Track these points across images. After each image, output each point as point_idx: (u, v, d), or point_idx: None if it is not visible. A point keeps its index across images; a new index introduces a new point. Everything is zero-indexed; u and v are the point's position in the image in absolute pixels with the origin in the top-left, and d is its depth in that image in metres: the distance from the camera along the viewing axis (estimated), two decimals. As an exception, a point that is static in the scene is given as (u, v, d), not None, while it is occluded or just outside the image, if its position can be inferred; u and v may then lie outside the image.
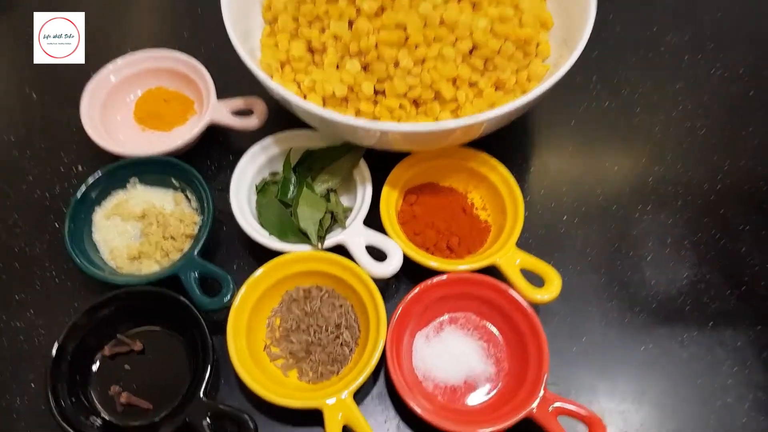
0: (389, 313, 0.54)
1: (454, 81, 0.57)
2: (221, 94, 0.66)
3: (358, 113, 0.57)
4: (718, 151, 0.69)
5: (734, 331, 0.58)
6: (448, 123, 0.51)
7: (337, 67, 0.57)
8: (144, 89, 0.69)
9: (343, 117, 0.52)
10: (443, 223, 0.60)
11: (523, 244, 0.59)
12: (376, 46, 0.55)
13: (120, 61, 0.68)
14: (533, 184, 0.67)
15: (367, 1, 0.55)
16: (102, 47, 0.75)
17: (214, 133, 0.67)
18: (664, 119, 0.71)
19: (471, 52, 0.57)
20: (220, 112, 0.64)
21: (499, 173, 0.61)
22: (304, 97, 0.58)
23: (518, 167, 0.67)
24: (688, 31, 0.78)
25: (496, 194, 0.61)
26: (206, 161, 0.68)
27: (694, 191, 0.66)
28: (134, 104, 0.69)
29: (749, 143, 0.69)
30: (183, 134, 0.64)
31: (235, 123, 0.64)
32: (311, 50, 0.59)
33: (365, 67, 0.57)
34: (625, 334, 0.58)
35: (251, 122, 0.64)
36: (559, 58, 0.60)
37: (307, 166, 0.62)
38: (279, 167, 0.63)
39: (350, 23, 0.57)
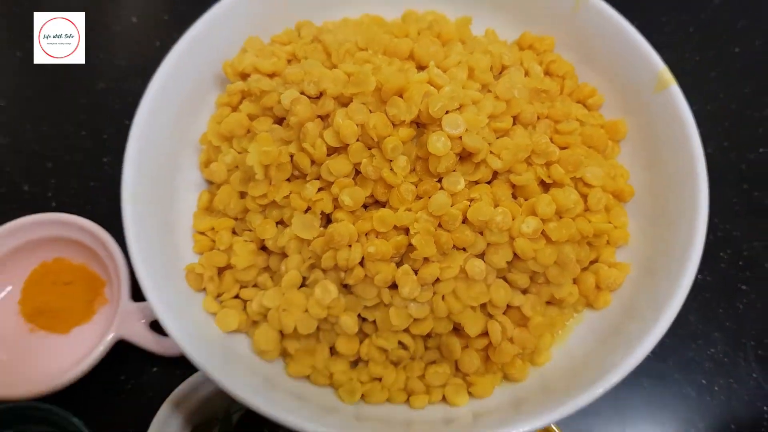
0: None
1: (483, 306, 0.39)
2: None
3: (335, 354, 0.40)
4: None
5: None
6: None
7: (304, 280, 0.40)
8: (37, 262, 0.51)
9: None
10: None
11: None
12: (362, 261, 0.38)
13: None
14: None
15: (347, 191, 0.38)
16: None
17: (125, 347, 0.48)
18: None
19: (510, 262, 0.39)
20: (133, 323, 0.46)
21: None
22: (253, 324, 0.41)
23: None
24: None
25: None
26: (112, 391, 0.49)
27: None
28: (21, 291, 0.51)
29: None
30: (81, 346, 0.47)
31: (152, 344, 0.46)
32: (265, 248, 0.42)
33: (345, 286, 0.39)
34: None
35: (176, 346, 0.45)
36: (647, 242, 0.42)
37: (256, 426, 0.44)
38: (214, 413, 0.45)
39: (325, 218, 0.40)
